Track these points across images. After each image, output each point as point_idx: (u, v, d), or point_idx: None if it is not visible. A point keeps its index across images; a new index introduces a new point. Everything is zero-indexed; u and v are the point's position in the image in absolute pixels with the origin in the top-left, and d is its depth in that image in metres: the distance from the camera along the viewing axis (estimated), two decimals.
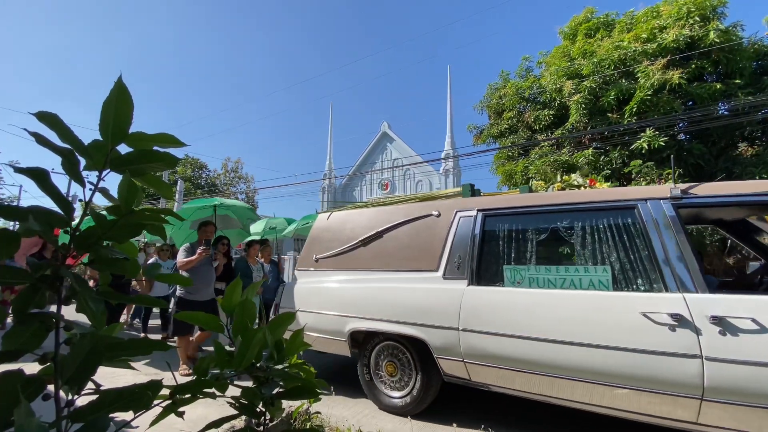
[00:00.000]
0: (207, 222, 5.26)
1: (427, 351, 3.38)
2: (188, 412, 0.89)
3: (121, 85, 0.76)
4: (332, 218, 4.64)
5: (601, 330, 2.63)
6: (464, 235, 3.48)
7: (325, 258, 4.36)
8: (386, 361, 3.74)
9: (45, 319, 0.75)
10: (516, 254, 3.25)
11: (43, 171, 0.74)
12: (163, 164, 0.85)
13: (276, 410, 1.03)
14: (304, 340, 3.68)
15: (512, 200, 3.45)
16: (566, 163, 11.18)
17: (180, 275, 1.01)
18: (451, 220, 3.63)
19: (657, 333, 2.47)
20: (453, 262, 3.44)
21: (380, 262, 3.92)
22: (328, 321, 3.96)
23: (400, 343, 3.61)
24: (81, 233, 0.78)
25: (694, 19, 10.18)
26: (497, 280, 3.25)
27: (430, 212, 3.81)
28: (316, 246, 4.53)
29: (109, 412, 0.73)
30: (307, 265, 4.52)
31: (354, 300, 3.86)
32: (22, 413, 0.58)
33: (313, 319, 4.08)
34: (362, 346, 3.89)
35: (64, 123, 0.77)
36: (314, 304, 4.13)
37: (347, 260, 4.18)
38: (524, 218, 3.33)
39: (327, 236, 4.50)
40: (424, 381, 3.45)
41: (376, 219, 4.18)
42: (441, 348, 3.24)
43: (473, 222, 3.49)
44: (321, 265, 4.38)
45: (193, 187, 33.98)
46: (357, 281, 3.98)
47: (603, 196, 3.09)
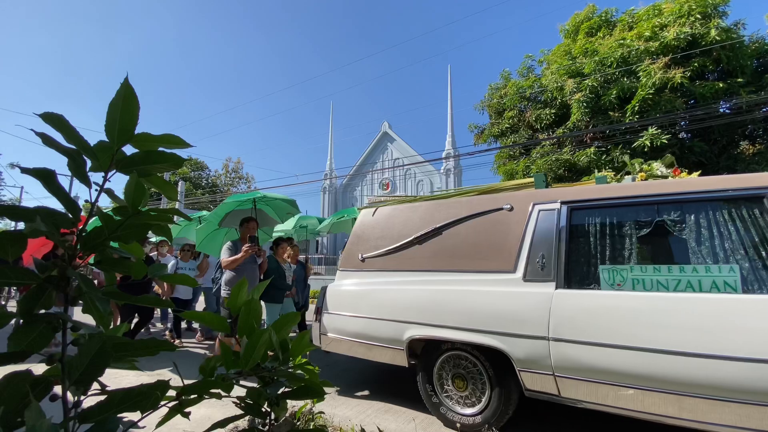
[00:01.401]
0: (249, 218, 5.07)
1: (505, 362, 3.03)
2: (192, 412, 0.90)
3: (127, 87, 0.76)
4: (378, 214, 4.25)
5: (733, 338, 2.28)
6: (547, 231, 3.08)
7: (373, 257, 3.98)
8: (453, 373, 3.35)
9: (52, 320, 0.75)
10: (614, 252, 2.85)
11: (50, 171, 0.74)
12: (169, 165, 0.85)
13: (281, 410, 1.03)
14: (351, 347, 3.68)
15: (606, 191, 3.02)
16: (568, 162, 11.18)
17: (185, 276, 1.01)
18: (528, 215, 3.21)
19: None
20: (535, 262, 3.04)
21: (441, 262, 3.54)
22: (381, 327, 3.60)
23: (471, 353, 3.23)
24: (87, 234, 0.78)
25: (695, 17, 10.17)
26: (592, 282, 2.85)
27: (501, 205, 3.39)
28: (361, 244, 4.15)
29: (117, 413, 0.73)
30: (351, 265, 4.15)
31: (414, 304, 3.46)
32: (34, 414, 0.58)
33: (363, 326, 3.73)
34: (423, 356, 3.50)
35: (69, 124, 0.77)
36: (364, 309, 3.77)
37: (400, 260, 3.80)
38: (623, 211, 2.91)
39: (373, 234, 4.13)
40: (501, 396, 3.05)
41: (432, 214, 3.78)
42: (525, 360, 2.86)
43: (557, 216, 3.08)
44: (368, 265, 4.01)
45: (194, 188, 34.02)
46: (415, 283, 3.59)
47: (723, 183, 2.67)
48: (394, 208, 4.19)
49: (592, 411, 2.73)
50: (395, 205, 4.24)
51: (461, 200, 3.75)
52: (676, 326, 2.42)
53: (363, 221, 4.32)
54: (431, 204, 3.91)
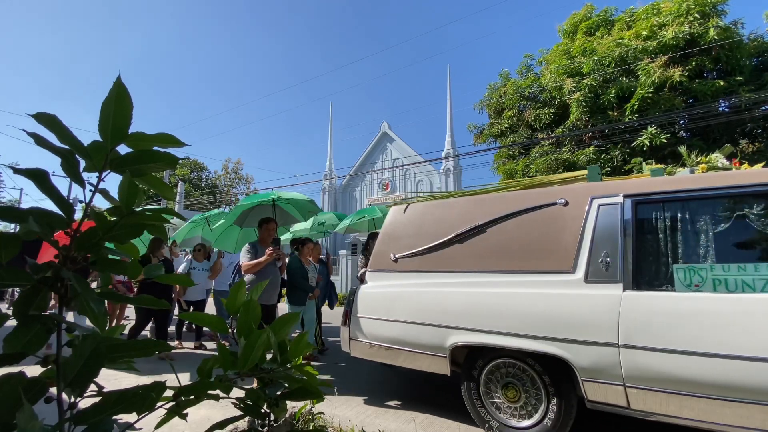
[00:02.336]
0: (268, 218, 4.80)
1: (565, 371, 2.81)
2: (191, 413, 0.89)
3: (120, 85, 0.75)
4: (410, 211, 3.99)
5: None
6: (609, 227, 2.83)
7: (407, 257, 3.71)
8: (504, 383, 3.09)
9: (46, 321, 0.74)
10: (689, 250, 2.62)
11: (43, 172, 0.74)
12: (164, 164, 0.84)
13: (280, 411, 1.03)
14: (384, 354, 3.50)
15: (677, 183, 2.78)
16: (567, 161, 11.17)
17: (182, 276, 1.01)
18: (586, 210, 2.96)
19: None
20: (597, 261, 2.79)
21: (486, 262, 3.27)
22: (419, 333, 3.36)
23: (523, 361, 2.98)
24: (82, 234, 0.78)
25: (693, 16, 10.17)
26: (664, 283, 2.62)
27: (553, 200, 3.14)
28: (393, 244, 3.88)
29: (113, 415, 0.73)
30: (382, 265, 3.88)
31: (458, 308, 3.21)
32: (26, 416, 0.57)
33: (399, 331, 3.49)
34: (466, 364, 3.26)
35: (62, 124, 0.76)
36: (399, 313, 3.52)
37: (438, 260, 3.53)
38: (698, 204, 2.65)
39: (405, 232, 3.88)
40: (561, 408, 2.80)
41: (473, 211, 3.52)
42: (590, 369, 2.62)
43: (620, 211, 2.83)
44: (401, 265, 3.74)
45: (193, 189, 34.02)
46: (458, 285, 3.32)
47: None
48: (427, 205, 3.95)
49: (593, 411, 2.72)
50: (427, 202, 4.00)
51: (505, 196, 3.48)
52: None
53: (394, 219, 4.06)
54: (470, 200, 3.67)
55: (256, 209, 6.22)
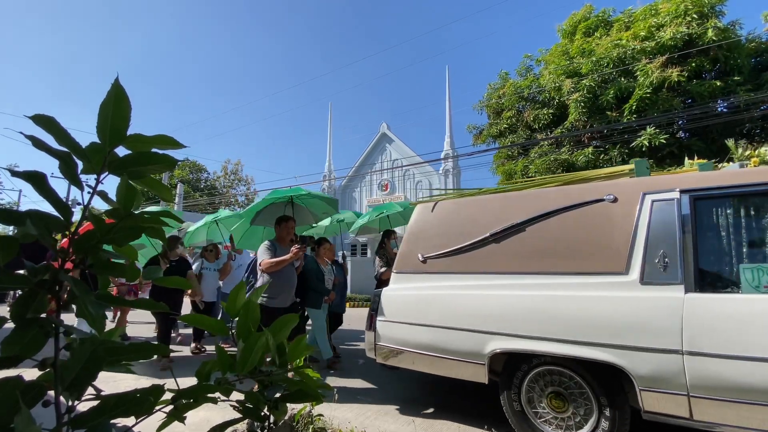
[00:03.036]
0: (286, 217, 4.66)
1: (617, 379, 2.65)
2: (190, 415, 0.89)
3: (118, 87, 0.75)
4: (438, 209, 3.78)
5: None
6: (666, 225, 2.65)
7: (437, 258, 3.51)
8: (549, 392, 2.90)
9: (44, 324, 0.74)
10: (756, 249, 2.45)
11: (40, 174, 0.73)
12: (162, 166, 0.84)
13: (280, 413, 1.02)
14: (414, 360, 3.33)
15: (740, 177, 2.59)
16: (566, 162, 11.18)
17: (181, 279, 1.00)
18: (638, 206, 2.78)
19: None
20: (653, 262, 2.61)
21: (527, 263, 3.10)
22: (455, 338, 3.19)
23: (572, 369, 2.79)
24: (80, 236, 0.77)
25: (691, 17, 10.19)
26: (730, 284, 2.46)
27: (600, 196, 2.96)
28: (420, 243, 3.69)
29: (111, 418, 0.72)
30: (409, 266, 3.68)
31: (498, 312, 3.03)
32: (23, 420, 0.57)
33: (431, 336, 3.31)
34: (506, 372, 3.07)
35: (60, 126, 0.76)
36: (431, 317, 3.34)
37: (472, 260, 3.34)
38: (765, 200, 2.49)
39: (434, 231, 3.69)
40: (615, 419, 2.61)
41: (509, 208, 3.33)
42: (650, 377, 2.45)
43: (677, 207, 2.65)
44: (431, 266, 3.54)
45: (193, 190, 34.00)
46: (497, 288, 3.13)
47: None
48: (457, 202, 3.76)
49: None
50: (457, 200, 3.80)
51: (546, 192, 3.29)
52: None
53: (420, 218, 3.86)
54: (505, 197, 3.48)
55: (272, 208, 5.93)
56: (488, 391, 4.06)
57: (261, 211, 5.80)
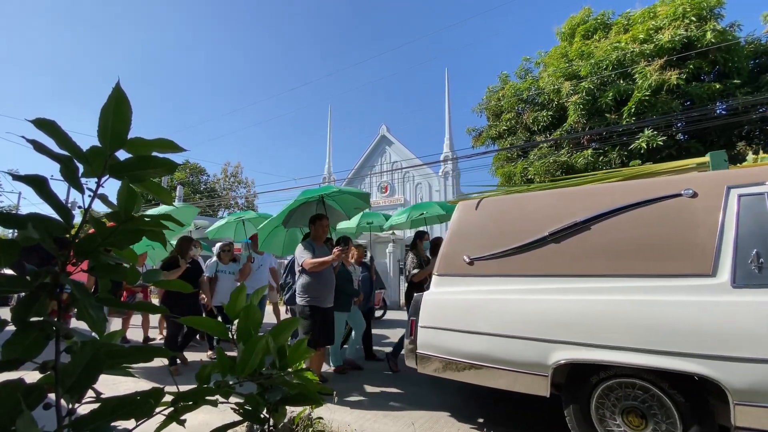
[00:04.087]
0: (320, 215, 4.49)
1: (703, 393, 2.44)
2: (189, 418, 0.89)
3: (119, 91, 0.76)
4: (484, 207, 3.52)
5: None
6: (757, 221, 2.42)
7: (486, 260, 3.25)
8: (623, 407, 2.62)
9: (45, 327, 0.74)
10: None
11: (42, 178, 0.74)
12: (163, 170, 0.84)
13: (280, 416, 1.03)
14: (461, 371, 3.08)
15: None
16: (565, 164, 11.20)
17: (181, 282, 1.01)
18: (723, 201, 2.55)
19: None
20: (746, 263, 2.38)
21: (594, 265, 2.83)
22: (512, 348, 2.93)
23: (651, 381, 2.53)
24: (80, 240, 0.77)
25: (690, 20, 10.23)
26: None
27: (676, 191, 2.72)
28: (465, 244, 3.44)
29: (111, 421, 0.73)
30: (453, 269, 3.43)
31: (565, 319, 2.76)
32: (26, 423, 0.57)
33: (483, 345, 3.06)
34: (570, 384, 2.82)
35: (62, 130, 0.76)
36: (483, 324, 3.08)
37: (527, 262, 3.10)
38: None
39: (481, 231, 3.44)
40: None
41: (569, 205, 3.10)
42: (748, 391, 2.22)
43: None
44: (479, 269, 3.28)
45: (192, 193, 34.01)
46: (562, 292, 2.87)
47: None
48: (506, 200, 3.52)
49: None
50: (505, 197, 3.57)
51: (611, 188, 3.05)
52: None
53: (464, 217, 3.60)
54: (561, 194, 3.25)
55: (302, 208, 5.75)
56: (488, 393, 4.06)
57: (293, 211, 5.60)
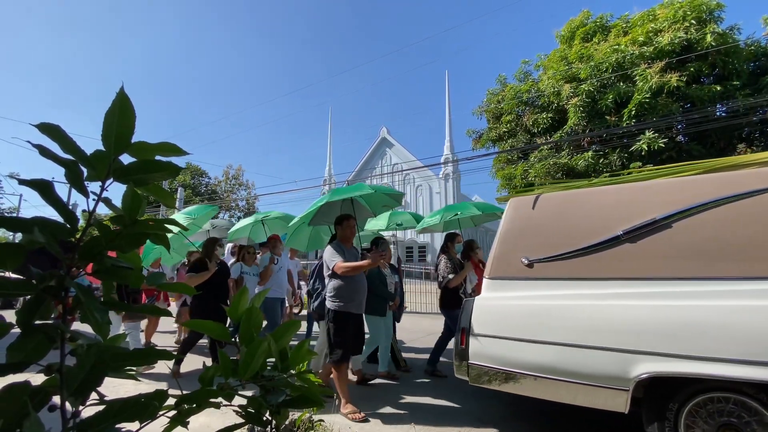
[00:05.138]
0: (348, 215, 4.28)
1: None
2: (192, 420, 0.89)
3: (123, 96, 0.76)
4: (542, 204, 3.24)
5: None
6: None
7: (549, 261, 2.98)
8: (719, 424, 2.33)
9: (50, 330, 0.75)
10: None
11: (47, 183, 0.74)
12: (166, 173, 0.85)
13: (282, 419, 1.03)
14: (523, 383, 2.86)
15: None
16: (566, 166, 11.21)
17: (184, 285, 1.01)
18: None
19: None
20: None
21: (678, 266, 2.55)
22: (586, 359, 2.64)
23: (754, 397, 2.27)
24: (85, 243, 0.78)
25: (690, 22, 10.26)
26: None
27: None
28: (522, 244, 3.17)
29: (115, 423, 0.73)
30: (509, 272, 3.15)
31: (651, 327, 2.46)
32: (32, 425, 0.57)
33: (551, 356, 2.76)
34: (655, 399, 2.54)
35: (66, 134, 0.77)
36: (550, 332, 2.79)
37: (598, 264, 2.81)
38: None
39: (539, 230, 3.16)
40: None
41: (644, 201, 2.81)
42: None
43: None
44: (540, 271, 3.00)
45: (194, 195, 34.06)
46: (644, 297, 2.57)
47: None
48: (567, 195, 3.23)
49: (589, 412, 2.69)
50: (568, 192, 3.27)
51: (696, 181, 2.76)
52: None
53: (519, 215, 3.31)
54: (633, 188, 2.97)
55: (326, 206, 5.55)
56: (488, 395, 4.06)
57: (318, 210, 5.37)
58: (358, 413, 3.57)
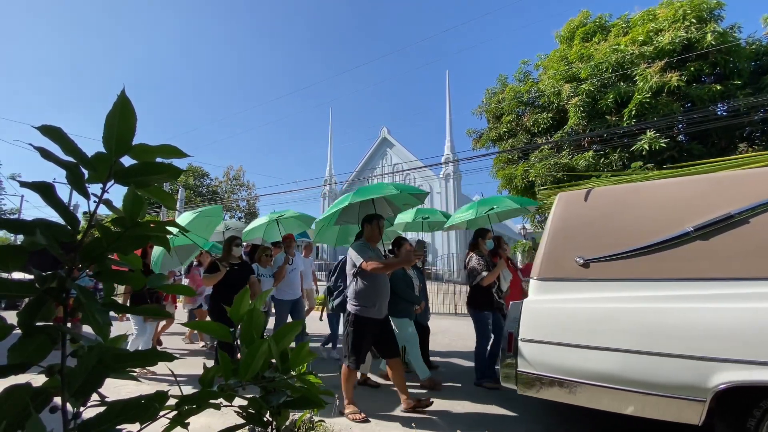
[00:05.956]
0: (377, 215, 4.10)
1: None
2: (192, 421, 0.90)
3: (124, 98, 0.77)
4: (596, 199, 3.02)
5: None
6: None
7: (607, 261, 2.76)
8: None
9: (51, 332, 0.75)
10: None
11: (49, 185, 0.75)
12: (167, 175, 0.85)
13: (282, 419, 1.03)
14: (583, 393, 2.66)
15: None
16: (567, 166, 11.20)
17: (185, 287, 1.02)
18: None
19: None
20: None
21: (761, 265, 2.33)
22: (655, 367, 2.43)
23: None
24: (86, 245, 0.79)
25: (690, 21, 10.24)
26: None
27: None
28: (575, 242, 2.95)
29: (116, 424, 0.73)
30: (562, 272, 2.93)
31: (737, 332, 2.27)
32: (34, 426, 0.58)
33: (615, 364, 2.55)
34: (731, 411, 2.35)
35: (67, 136, 0.77)
36: (611, 338, 2.58)
37: (666, 263, 2.58)
38: None
39: (595, 227, 2.94)
40: None
41: (714, 194, 2.59)
42: None
43: None
44: (598, 271, 2.78)
45: (194, 196, 34.10)
46: (725, 299, 2.35)
47: None
48: (627, 189, 3.01)
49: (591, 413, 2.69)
50: (623, 186, 3.06)
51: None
52: None
53: (569, 210, 3.09)
54: (698, 181, 2.75)
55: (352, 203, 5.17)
56: (488, 395, 4.06)
57: (343, 209, 5.11)
58: (359, 414, 3.56)
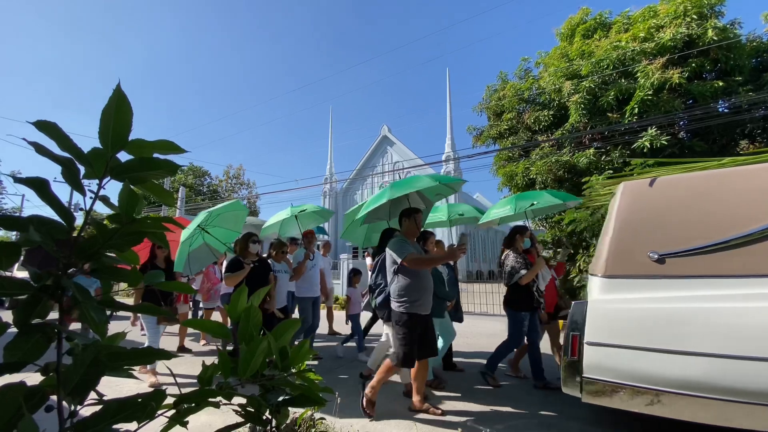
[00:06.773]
0: (415, 209, 3.95)
1: None
2: (191, 419, 0.89)
3: (119, 93, 0.76)
4: (667, 189, 2.80)
5: None
6: None
7: (687, 255, 2.53)
8: None
9: (47, 330, 0.74)
10: None
11: (43, 180, 0.74)
12: (164, 171, 0.84)
13: (282, 417, 1.02)
14: (657, 401, 2.45)
15: None
16: (567, 163, 11.18)
17: (184, 284, 1.00)
18: None
19: None
20: None
21: None
22: (746, 373, 2.21)
23: None
24: (82, 242, 0.77)
25: (691, 18, 10.21)
26: None
27: None
28: (646, 236, 2.71)
29: (113, 423, 0.72)
30: (633, 268, 2.70)
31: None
32: (27, 426, 0.57)
33: (700, 369, 2.33)
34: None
35: (63, 132, 0.76)
36: (698, 341, 2.35)
37: (755, 258, 2.36)
38: None
39: (669, 219, 2.70)
40: None
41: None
42: None
43: None
44: (675, 267, 2.56)
45: (194, 194, 34.12)
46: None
47: None
48: (704, 177, 2.76)
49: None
50: (699, 173, 2.82)
51: None
52: None
53: (638, 202, 2.85)
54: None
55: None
56: (490, 394, 4.05)
57: (377, 207, 4.80)
58: (371, 410, 3.63)
